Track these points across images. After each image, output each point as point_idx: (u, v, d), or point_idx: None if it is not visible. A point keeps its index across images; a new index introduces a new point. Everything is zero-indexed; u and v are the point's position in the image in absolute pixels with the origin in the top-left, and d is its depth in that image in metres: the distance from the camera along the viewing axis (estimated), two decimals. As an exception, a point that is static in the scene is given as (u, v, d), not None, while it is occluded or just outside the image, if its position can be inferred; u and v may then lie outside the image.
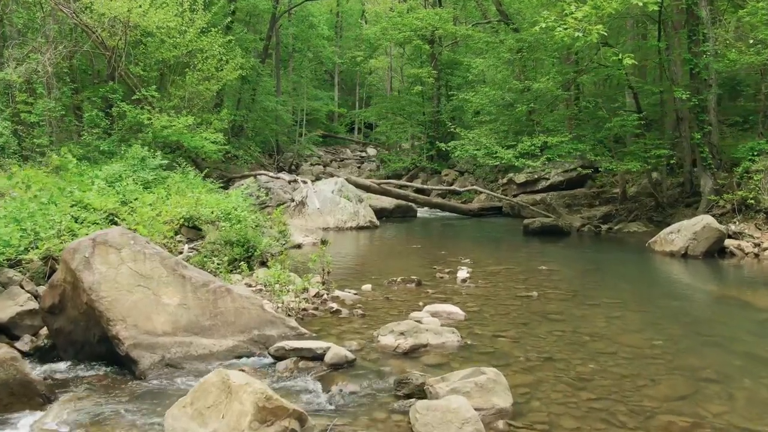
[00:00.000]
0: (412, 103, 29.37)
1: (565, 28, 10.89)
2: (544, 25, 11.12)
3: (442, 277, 9.46)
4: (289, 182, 18.06)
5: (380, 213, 19.46)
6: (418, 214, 20.70)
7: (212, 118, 18.56)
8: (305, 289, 7.45)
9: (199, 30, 17.96)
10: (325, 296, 7.63)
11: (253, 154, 25.25)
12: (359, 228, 16.55)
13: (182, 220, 10.00)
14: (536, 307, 7.55)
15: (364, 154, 45.69)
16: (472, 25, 26.84)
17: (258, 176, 18.95)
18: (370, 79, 48.22)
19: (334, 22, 51.37)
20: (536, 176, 20.68)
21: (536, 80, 14.78)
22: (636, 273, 10.73)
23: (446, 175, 27.49)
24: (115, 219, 9.04)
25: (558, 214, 18.50)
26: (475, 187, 20.66)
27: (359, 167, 39.44)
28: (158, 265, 5.48)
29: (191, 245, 9.70)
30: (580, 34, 10.75)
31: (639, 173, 16.40)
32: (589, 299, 8.01)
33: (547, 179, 20.51)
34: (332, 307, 7.12)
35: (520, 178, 20.99)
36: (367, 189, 19.02)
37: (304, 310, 6.96)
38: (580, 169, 19.30)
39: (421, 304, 7.39)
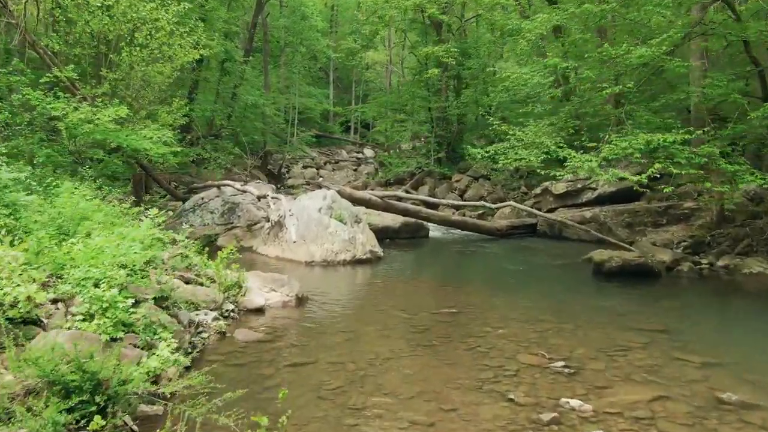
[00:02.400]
0: (415, 97, 23.99)
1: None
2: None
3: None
4: (258, 198, 12.73)
5: (383, 233, 14.20)
6: (430, 233, 15.43)
7: (161, 110, 13.23)
8: None
9: (141, -7, 12.64)
10: None
11: (228, 157, 19.89)
12: (356, 262, 11.28)
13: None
14: None
15: (360, 156, 40.45)
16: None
17: (222, 187, 13.63)
18: (367, 75, 42.81)
19: (329, 16, 45.97)
20: (579, 186, 15.43)
21: (629, 47, 9.27)
22: None
23: (457, 181, 22.23)
24: None
25: (617, 236, 13.28)
26: (511, 203, 15.27)
27: (355, 170, 34.24)
28: None
29: None
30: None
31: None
32: None
33: (594, 189, 15.26)
34: None
35: (559, 188, 15.73)
36: (366, 204, 13.75)
37: None
38: (637, 177, 14.02)
39: None
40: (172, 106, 13.31)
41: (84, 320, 4.76)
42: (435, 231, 15.64)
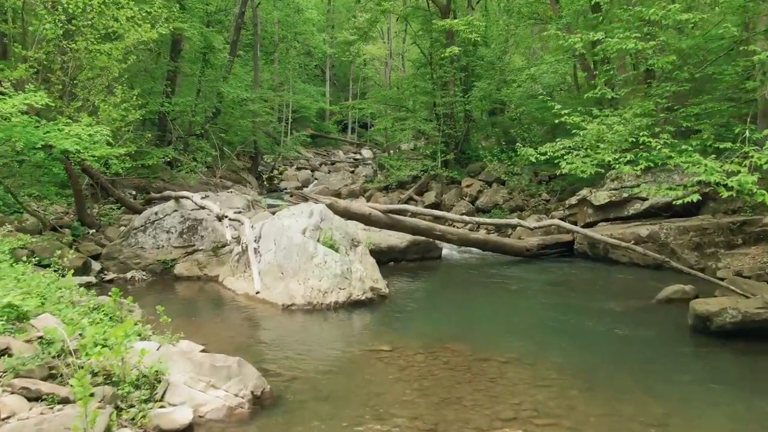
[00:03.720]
0: (419, 92, 20.68)
1: None
2: None
3: None
4: (218, 219, 9.43)
5: (387, 254, 10.99)
6: (443, 252, 12.19)
7: (100, 101, 9.94)
8: None
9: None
10: None
11: (206, 159, 16.51)
12: (352, 305, 8.03)
13: None
14: None
15: (358, 157, 37.27)
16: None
17: (181, 200, 10.34)
18: (365, 71, 39.49)
19: (326, 10, 42.60)
20: (626, 195, 12.19)
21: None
22: None
23: (468, 186, 18.95)
24: None
25: (685, 261, 10.06)
26: (556, 221, 11.67)
27: (353, 171, 31.04)
28: None
29: None
30: None
31: None
32: None
33: (643, 200, 12.01)
34: None
35: (601, 197, 12.44)
36: (365, 220, 10.47)
37: None
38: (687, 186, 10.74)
39: None
40: (116, 96, 10.00)
41: None
42: (447, 249, 12.38)
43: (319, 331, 7.21)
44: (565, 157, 7.42)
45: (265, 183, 24.66)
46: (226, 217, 8.92)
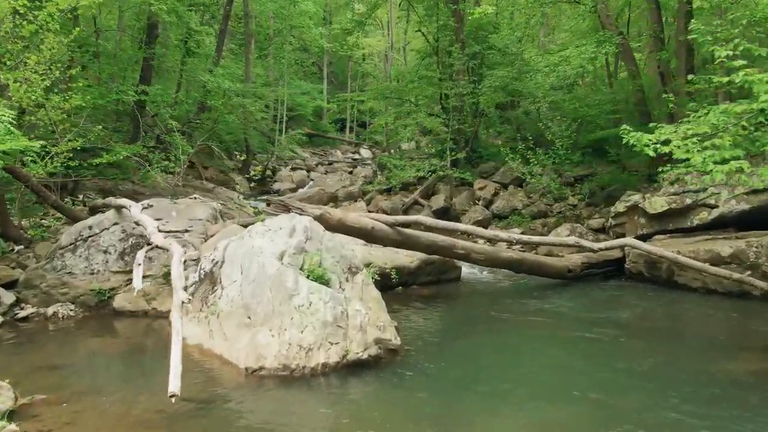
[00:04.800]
0: (425, 82, 17.97)
1: None
2: None
3: None
4: (149, 248, 6.71)
5: (397, 274, 8.30)
6: (463, 273, 9.52)
7: (10, 74, 7.25)
8: None
9: None
10: None
11: (179, 158, 13.74)
12: (349, 367, 5.35)
13: None
14: None
15: (357, 157, 34.59)
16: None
17: (121, 211, 7.62)
18: (365, 66, 36.78)
19: (323, 3, 39.78)
20: (689, 201, 9.52)
21: None
22: None
23: (481, 188, 16.29)
24: None
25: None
26: (630, 241, 8.53)
27: (351, 172, 28.41)
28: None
29: None
30: None
31: None
32: None
33: (711, 207, 9.35)
34: None
35: (657, 204, 9.73)
36: (366, 236, 7.76)
37: None
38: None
39: None
40: (27, 66, 7.29)
41: None
42: (467, 267, 9.69)
43: (298, 423, 4.53)
44: (690, 148, 4.75)
45: (246, 184, 21.95)
46: (150, 244, 6.23)
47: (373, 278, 6.30)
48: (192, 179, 17.97)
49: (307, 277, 5.86)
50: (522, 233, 13.25)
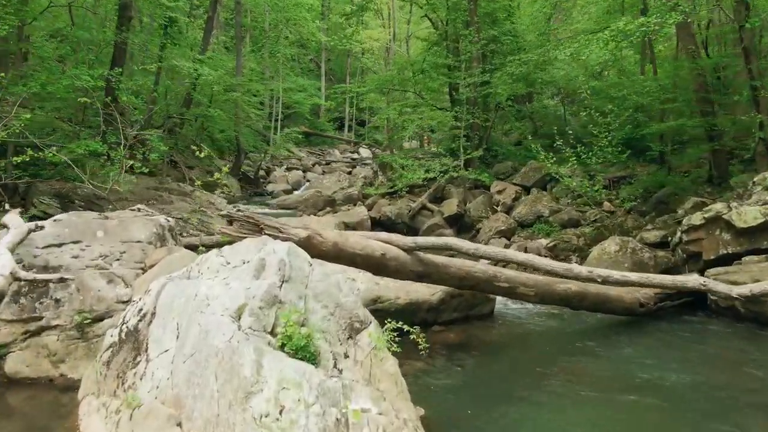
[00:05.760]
0: (434, 70, 15.52)
1: None
2: None
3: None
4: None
5: (408, 316, 5.90)
6: (496, 306, 7.09)
7: None
8: None
9: None
10: None
11: (147, 156, 11.16)
12: None
13: None
14: None
15: (356, 156, 32.34)
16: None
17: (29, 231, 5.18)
18: (364, 60, 34.33)
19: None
20: (791, 212, 7.11)
21: None
22: None
23: (500, 191, 13.87)
24: None
25: None
26: None
27: (350, 173, 26.11)
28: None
29: None
30: None
31: None
32: None
33: (821, 220, 6.94)
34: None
35: (749, 216, 7.30)
36: (375, 266, 5.29)
37: None
38: None
39: None
40: None
41: None
42: (503, 305, 7.26)
43: None
44: None
45: (236, 185, 19.62)
46: None
47: (389, 344, 3.88)
48: (171, 181, 15.55)
49: (282, 348, 3.45)
50: (552, 244, 10.93)
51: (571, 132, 11.04)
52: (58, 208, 10.78)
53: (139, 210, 5.80)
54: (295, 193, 21.46)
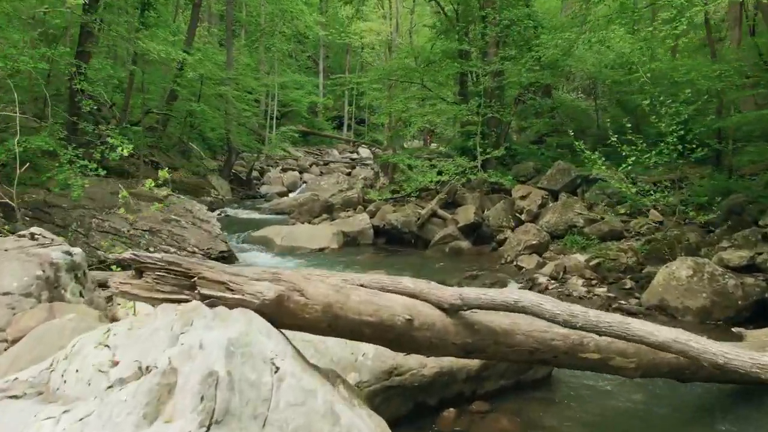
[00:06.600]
0: (443, 59, 13.37)
1: None
2: None
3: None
4: None
5: (438, 390, 3.78)
6: (554, 371, 4.97)
7: None
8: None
9: None
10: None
11: (107, 155, 9.03)
12: None
13: None
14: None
15: (355, 156, 30.30)
16: None
17: None
18: (364, 55, 32.21)
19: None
20: None
21: None
22: None
23: (523, 196, 11.74)
24: None
25: None
26: None
27: (349, 173, 24.09)
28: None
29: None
30: None
31: None
32: None
33: None
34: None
35: None
36: (395, 340, 3.15)
37: None
38: None
39: None
40: None
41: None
42: (565, 372, 5.17)
43: None
44: None
45: (226, 187, 17.54)
46: None
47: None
48: (144, 185, 13.40)
49: None
50: (595, 262, 8.79)
51: (662, 124, 8.68)
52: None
53: (32, 237, 3.67)
54: (291, 195, 19.38)
